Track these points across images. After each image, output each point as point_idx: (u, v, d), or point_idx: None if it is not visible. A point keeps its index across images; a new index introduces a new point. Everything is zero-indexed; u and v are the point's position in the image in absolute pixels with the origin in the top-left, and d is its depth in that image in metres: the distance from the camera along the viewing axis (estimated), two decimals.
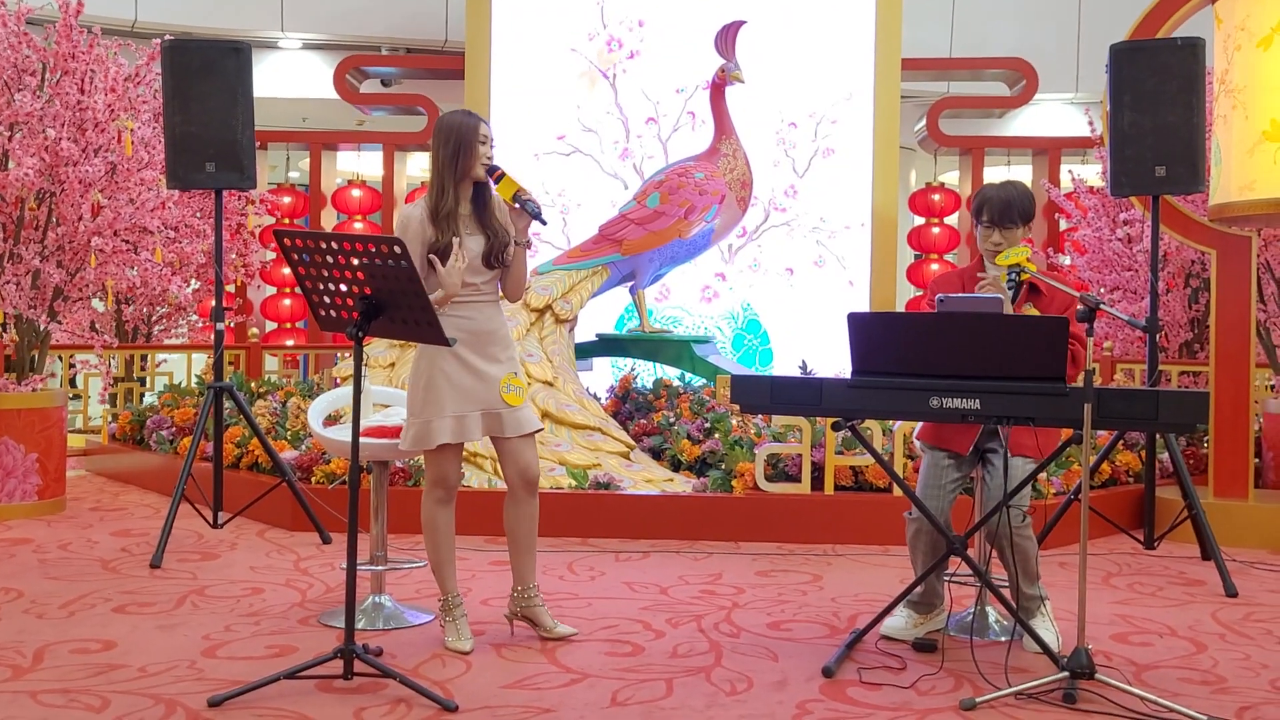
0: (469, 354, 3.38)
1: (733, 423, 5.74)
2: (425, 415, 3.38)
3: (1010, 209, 3.48)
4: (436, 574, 3.51)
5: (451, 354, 3.34)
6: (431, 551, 3.49)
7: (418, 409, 3.40)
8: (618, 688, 3.09)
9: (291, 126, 10.49)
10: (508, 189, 3.40)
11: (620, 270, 6.60)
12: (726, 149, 6.69)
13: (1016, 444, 3.39)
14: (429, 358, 3.39)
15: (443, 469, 3.44)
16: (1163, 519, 4.98)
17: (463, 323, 3.37)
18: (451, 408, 3.36)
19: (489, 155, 3.42)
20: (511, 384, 3.44)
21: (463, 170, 3.39)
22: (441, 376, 3.37)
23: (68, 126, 5.59)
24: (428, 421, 3.37)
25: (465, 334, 3.36)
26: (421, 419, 3.38)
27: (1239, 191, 4.94)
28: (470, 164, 3.39)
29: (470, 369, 3.38)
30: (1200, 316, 7.02)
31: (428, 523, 3.48)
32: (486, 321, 3.44)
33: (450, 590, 3.50)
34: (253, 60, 4.92)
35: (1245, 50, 4.96)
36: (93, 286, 5.86)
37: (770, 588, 4.24)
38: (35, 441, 5.39)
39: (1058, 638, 3.44)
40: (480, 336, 3.41)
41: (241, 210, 8.32)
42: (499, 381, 3.41)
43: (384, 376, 5.76)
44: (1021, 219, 3.50)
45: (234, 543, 4.86)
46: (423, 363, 3.41)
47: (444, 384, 3.37)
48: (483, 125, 3.43)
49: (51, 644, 3.40)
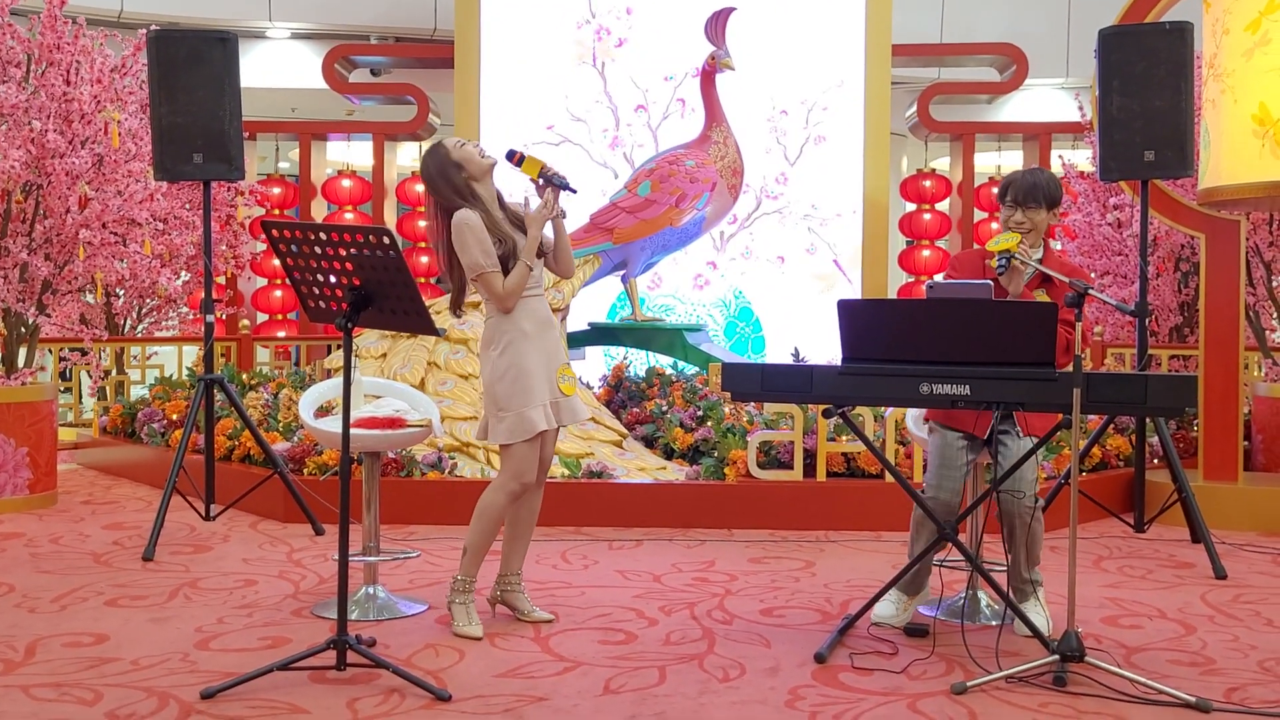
0: (541, 344, 3.43)
1: (725, 410, 5.74)
2: (517, 405, 3.38)
3: (1035, 190, 3.51)
4: (473, 556, 3.48)
5: (531, 344, 3.40)
6: (481, 535, 3.46)
7: (507, 400, 3.39)
8: (611, 675, 3.10)
9: (280, 117, 10.44)
10: (532, 167, 3.46)
11: (612, 259, 6.59)
12: (717, 136, 6.68)
13: (1029, 426, 3.42)
14: (511, 350, 3.40)
15: (530, 460, 3.43)
16: (1153, 502, 5.00)
17: (533, 314, 3.43)
18: (540, 396, 3.40)
19: (477, 145, 3.48)
20: (566, 374, 3.50)
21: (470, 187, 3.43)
22: (530, 365, 3.40)
23: (53, 118, 5.56)
24: (521, 412, 3.38)
25: (535, 324, 3.43)
26: (514, 410, 3.38)
27: (1227, 175, 4.94)
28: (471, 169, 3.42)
29: (545, 357, 3.44)
30: (1190, 300, 7.04)
31: (491, 510, 3.45)
32: (547, 311, 3.53)
33: (474, 574, 3.50)
34: (240, 50, 4.90)
35: (1234, 34, 4.96)
36: (81, 279, 5.84)
37: (763, 574, 4.25)
38: (25, 435, 5.38)
39: (1048, 622, 3.45)
40: (545, 326, 3.48)
41: (231, 201, 8.28)
42: (557, 370, 3.47)
43: (375, 367, 5.76)
44: (1047, 202, 3.52)
45: (226, 535, 4.86)
46: (504, 357, 3.40)
47: (532, 373, 3.39)
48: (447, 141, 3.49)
49: (43, 638, 3.39)
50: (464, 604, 3.48)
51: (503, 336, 3.41)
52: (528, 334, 3.41)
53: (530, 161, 3.46)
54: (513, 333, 3.41)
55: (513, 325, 3.42)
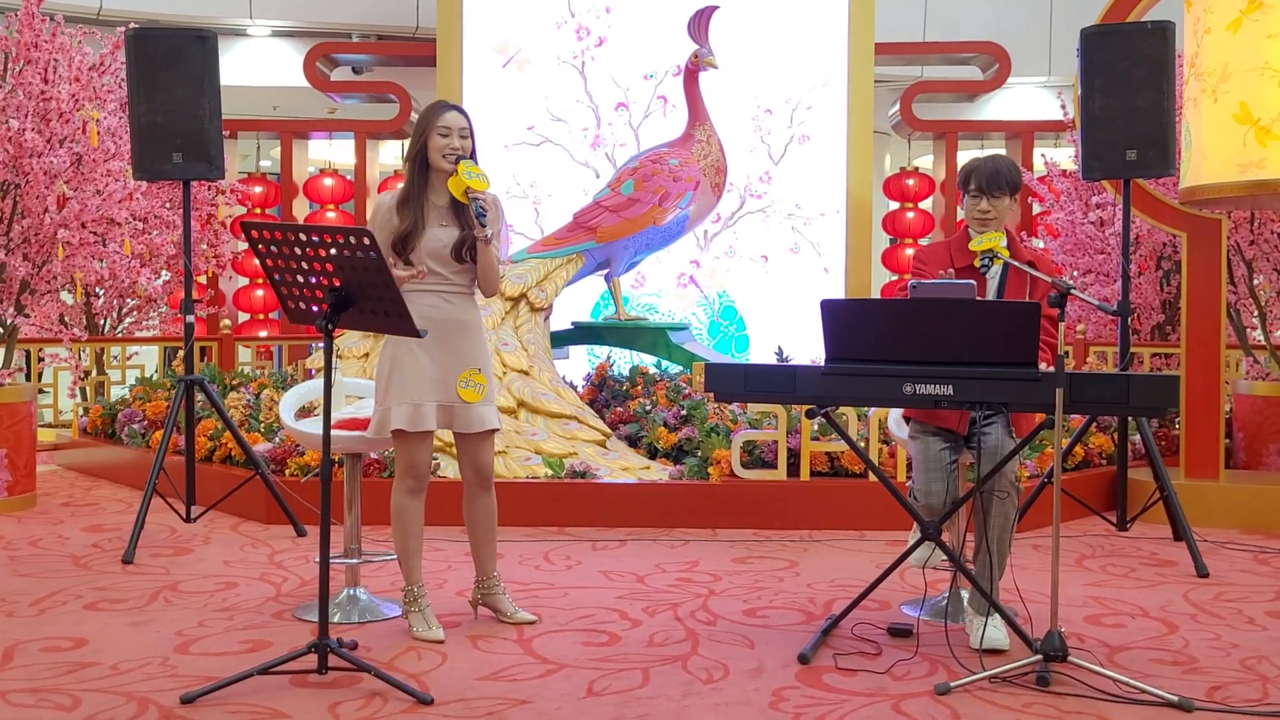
0: (432, 343, 3.35)
1: (709, 409, 5.74)
2: (386, 402, 3.39)
3: (999, 176, 3.48)
4: (403, 564, 3.50)
5: (415, 342, 3.32)
6: (399, 541, 3.47)
7: (380, 396, 3.41)
8: (594, 678, 3.08)
9: (262, 115, 10.39)
10: (456, 185, 3.33)
11: (595, 258, 6.58)
12: (700, 135, 6.67)
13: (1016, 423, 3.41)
14: (394, 345, 3.39)
15: (412, 458, 3.42)
16: (1135, 501, 5.02)
17: (429, 310, 3.35)
18: (409, 395, 3.36)
19: (452, 147, 3.37)
20: (471, 379, 3.41)
21: (423, 159, 3.39)
22: (403, 364, 3.37)
23: (31, 117, 5.51)
24: (387, 409, 3.38)
25: (430, 323, 3.30)
26: (383, 406, 3.39)
27: (1208, 174, 4.96)
28: (426, 153, 3.39)
29: (432, 358, 3.37)
30: (1172, 299, 7.07)
31: (397, 512, 3.47)
32: (455, 312, 3.42)
33: (415, 580, 3.49)
34: (221, 48, 4.87)
35: (1215, 33, 4.98)
36: (60, 279, 5.79)
37: (747, 575, 4.24)
38: (4, 437, 5.33)
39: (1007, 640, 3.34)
40: (446, 326, 3.38)
41: (212, 200, 8.23)
42: (458, 375, 3.40)
43: (357, 367, 5.73)
44: (1009, 188, 3.49)
45: (207, 537, 4.83)
46: (388, 351, 3.41)
47: (404, 371, 3.37)
48: (447, 115, 3.40)
49: (21, 642, 3.36)
50: (417, 610, 3.47)
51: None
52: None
53: (455, 179, 3.31)
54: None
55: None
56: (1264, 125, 4.82)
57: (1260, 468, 5.70)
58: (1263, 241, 6.21)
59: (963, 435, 3.45)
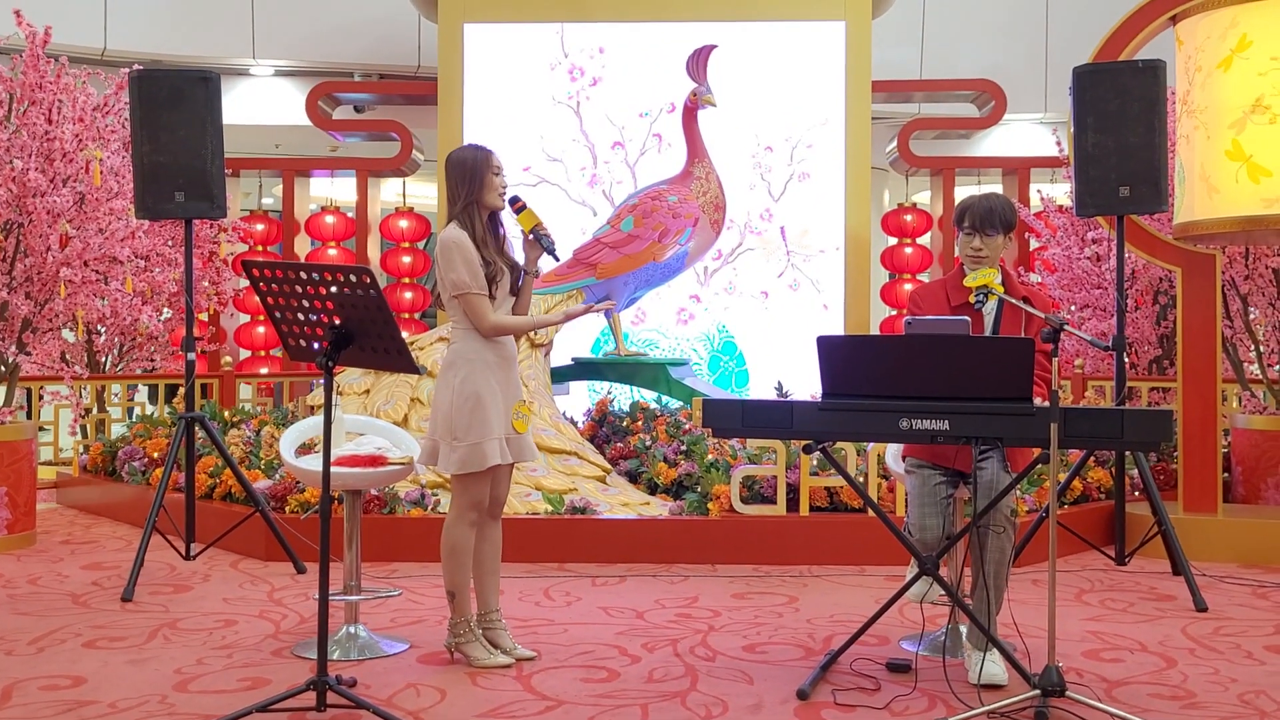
0: (503, 377, 3.46)
1: (709, 445, 5.75)
2: (474, 437, 3.39)
3: (992, 215, 3.52)
4: (458, 597, 3.51)
5: (494, 377, 3.43)
6: (458, 574, 3.49)
7: (464, 431, 3.39)
8: (593, 714, 3.08)
9: (264, 153, 10.47)
10: (528, 221, 3.54)
11: (595, 294, 6.62)
12: (699, 172, 6.73)
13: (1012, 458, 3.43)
14: (473, 379, 3.41)
15: (484, 493, 3.48)
16: (1134, 535, 5.02)
17: (501, 347, 3.48)
18: (498, 429, 3.42)
19: (503, 185, 3.53)
20: (522, 410, 3.51)
21: (481, 203, 3.49)
22: (485, 399, 3.41)
23: (35, 157, 5.57)
24: (477, 444, 3.39)
25: (501, 359, 3.46)
26: (469, 441, 3.39)
27: (1201, 210, 5.01)
28: (486, 195, 3.48)
29: (504, 392, 3.46)
30: (1169, 333, 7.10)
31: (457, 547, 3.48)
32: (513, 348, 3.57)
33: (469, 613, 3.53)
34: (224, 87, 4.92)
35: (1206, 71, 5.04)
36: (62, 317, 5.83)
37: (746, 610, 4.24)
38: (4, 475, 5.34)
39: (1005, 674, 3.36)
40: (509, 362, 3.51)
41: (214, 238, 8.29)
42: (513, 407, 3.49)
43: (358, 404, 5.75)
44: (1003, 226, 3.53)
45: (207, 574, 4.82)
46: (468, 386, 3.41)
47: (491, 406, 3.41)
48: (494, 156, 3.53)
49: (20, 681, 3.36)
50: (473, 640, 3.50)
51: (467, 364, 3.43)
52: (491, 365, 3.44)
53: (529, 214, 3.55)
54: (477, 361, 3.43)
55: (478, 354, 3.44)
56: (1256, 161, 4.87)
57: (1258, 502, 5.70)
58: (1257, 276, 6.25)
59: (965, 473, 3.46)
